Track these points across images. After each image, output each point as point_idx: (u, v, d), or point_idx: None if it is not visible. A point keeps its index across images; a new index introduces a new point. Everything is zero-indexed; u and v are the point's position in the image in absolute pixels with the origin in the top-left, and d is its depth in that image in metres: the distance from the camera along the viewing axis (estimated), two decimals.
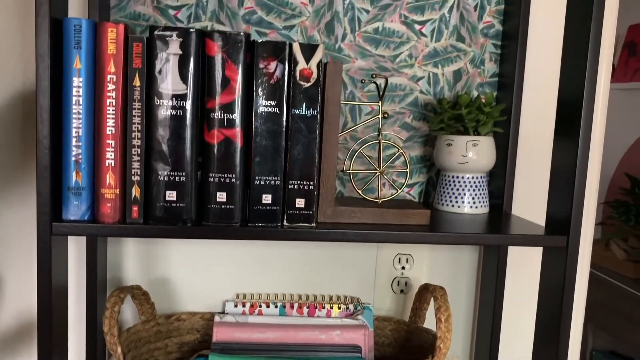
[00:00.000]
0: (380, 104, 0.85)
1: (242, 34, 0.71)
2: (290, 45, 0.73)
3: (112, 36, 0.69)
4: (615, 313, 2.67)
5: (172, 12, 0.95)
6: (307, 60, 0.73)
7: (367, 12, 0.98)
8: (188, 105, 0.71)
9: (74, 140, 0.70)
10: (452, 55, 1.01)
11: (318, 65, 0.74)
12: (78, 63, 0.69)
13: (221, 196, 0.73)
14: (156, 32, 0.70)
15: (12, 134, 0.96)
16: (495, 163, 0.98)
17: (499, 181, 1.00)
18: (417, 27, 1.00)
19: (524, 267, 1.09)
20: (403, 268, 1.06)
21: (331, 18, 0.98)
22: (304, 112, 0.74)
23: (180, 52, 0.70)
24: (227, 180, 0.73)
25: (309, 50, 0.73)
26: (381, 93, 0.86)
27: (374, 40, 0.99)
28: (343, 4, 0.98)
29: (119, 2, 0.94)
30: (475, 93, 1.02)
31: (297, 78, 0.73)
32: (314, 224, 0.76)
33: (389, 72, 1.00)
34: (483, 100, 0.93)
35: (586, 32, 0.76)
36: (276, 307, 1.01)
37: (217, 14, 0.96)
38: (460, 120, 0.91)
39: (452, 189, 0.92)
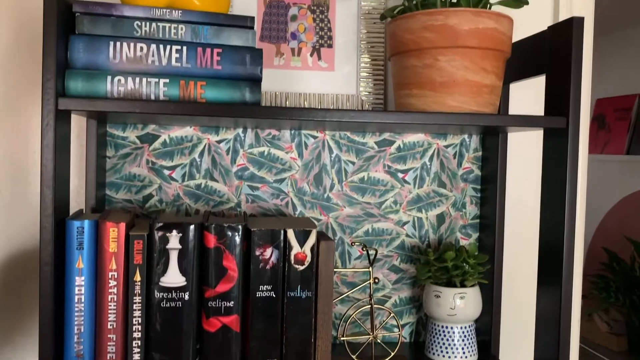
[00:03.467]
0: (370, 270, 0.89)
1: (239, 226, 0.75)
2: (285, 232, 0.77)
3: (114, 235, 0.72)
4: None
5: (166, 172, 0.98)
6: (302, 244, 0.77)
7: (353, 163, 1.03)
8: (187, 296, 0.74)
9: (75, 337, 0.72)
10: (434, 200, 1.06)
11: (312, 249, 0.77)
12: (80, 263, 0.72)
13: None
14: (157, 230, 0.73)
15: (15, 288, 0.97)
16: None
17: (486, 318, 1.04)
18: (400, 175, 1.05)
19: None
20: None
21: (319, 170, 1.03)
22: (299, 294, 0.77)
23: (180, 247, 0.73)
24: None
25: (302, 235, 0.77)
26: (371, 260, 0.89)
27: (360, 189, 1.04)
28: (330, 158, 1.03)
29: (114, 165, 0.97)
30: (458, 235, 1.06)
31: (292, 262, 0.77)
32: None
33: (375, 217, 1.04)
34: (467, 248, 0.97)
35: (562, 180, 0.81)
36: None
37: (211, 171, 1.00)
38: (447, 272, 0.95)
39: (442, 340, 0.95)
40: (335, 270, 0.86)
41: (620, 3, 2.73)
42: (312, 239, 0.77)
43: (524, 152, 1.10)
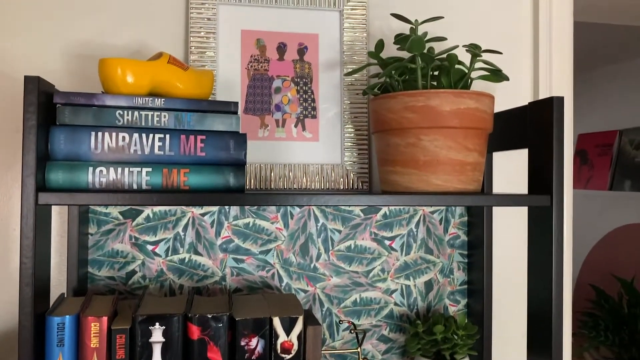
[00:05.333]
0: (359, 350, 0.87)
1: (224, 316, 0.73)
2: (271, 320, 0.75)
3: (95, 330, 0.70)
4: None
5: (150, 247, 0.97)
6: (288, 332, 0.75)
7: (339, 232, 1.03)
8: None
9: None
10: (422, 266, 1.05)
11: (299, 337, 0.76)
12: None
13: None
14: (139, 323, 0.71)
15: None
16: None
17: None
18: (387, 242, 1.04)
19: None
20: None
21: (305, 240, 1.02)
22: None
23: (163, 340, 0.72)
24: None
25: (288, 322, 0.76)
26: (360, 341, 0.88)
27: (347, 258, 1.03)
28: (316, 227, 1.02)
29: (96, 242, 0.96)
30: (447, 302, 1.06)
31: (279, 351, 0.75)
32: None
33: (363, 286, 1.03)
34: (456, 318, 0.96)
35: (548, 253, 0.81)
36: None
37: (195, 245, 0.98)
38: (436, 344, 0.94)
39: None
40: (323, 352, 0.85)
41: (602, 40, 2.80)
42: (298, 327, 0.76)
43: (510, 215, 1.11)
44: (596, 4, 1.20)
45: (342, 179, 1.01)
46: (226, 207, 0.99)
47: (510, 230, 1.11)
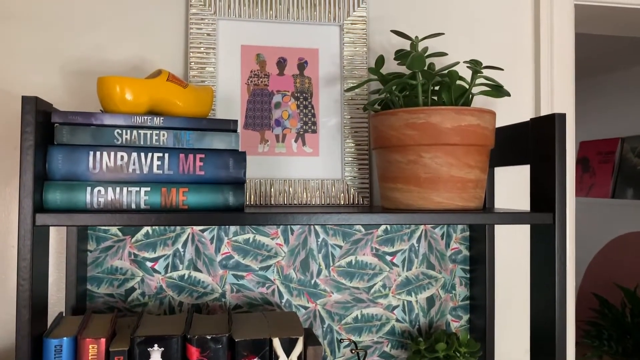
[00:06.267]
0: None
1: (223, 337, 0.72)
2: (271, 341, 0.74)
3: (93, 352, 0.70)
4: None
5: (149, 264, 0.96)
6: (288, 353, 0.75)
7: (340, 247, 1.02)
8: None
9: None
10: (424, 282, 1.05)
11: (299, 358, 0.75)
12: None
13: None
14: (137, 344, 0.70)
15: None
16: None
17: None
18: (389, 258, 1.04)
19: None
20: None
21: (306, 256, 1.01)
22: None
23: None
24: None
25: (288, 343, 0.75)
26: None
27: (348, 274, 1.02)
28: (316, 242, 1.01)
29: (95, 259, 0.95)
30: (449, 317, 1.05)
31: None
32: None
33: (364, 303, 1.02)
34: (458, 335, 0.95)
35: (551, 270, 0.80)
36: None
37: (195, 261, 0.98)
38: None
39: None
40: None
41: (602, 47, 2.79)
42: (299, 347, 0.75)
43: (512, 229, 1.10)
44: (597, 16, 1.19)
45: (342, 194, 1.00)
46: None
47: (512, 244, 1.10)
